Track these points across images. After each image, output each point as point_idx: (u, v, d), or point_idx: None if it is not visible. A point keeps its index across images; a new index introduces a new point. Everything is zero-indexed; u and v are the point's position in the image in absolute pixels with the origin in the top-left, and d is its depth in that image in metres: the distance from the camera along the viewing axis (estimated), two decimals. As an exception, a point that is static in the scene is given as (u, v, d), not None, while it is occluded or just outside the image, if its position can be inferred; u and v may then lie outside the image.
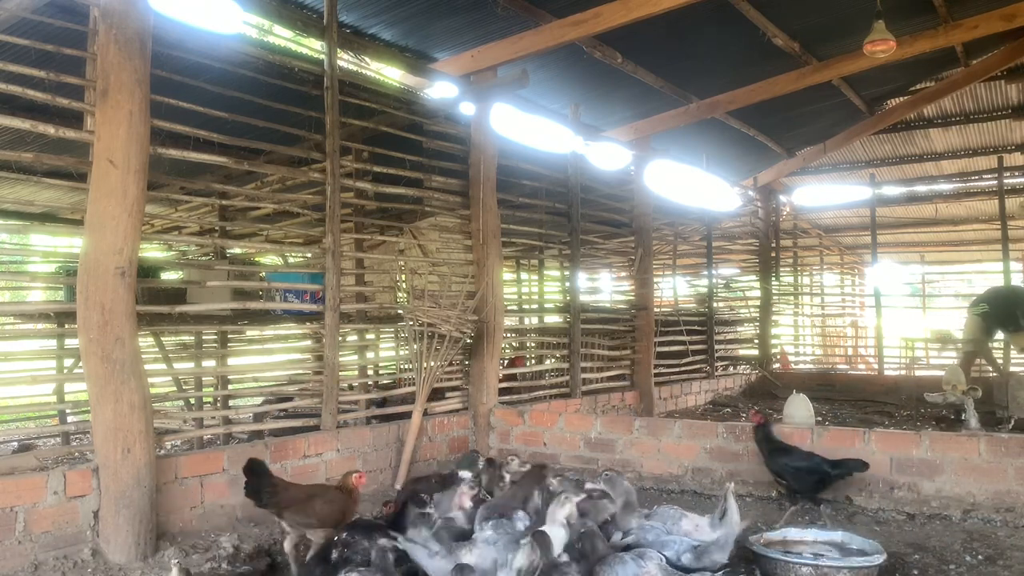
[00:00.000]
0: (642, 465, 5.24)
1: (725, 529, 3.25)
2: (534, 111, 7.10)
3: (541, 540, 2.85)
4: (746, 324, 11.11)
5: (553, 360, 7.49)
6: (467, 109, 6.05)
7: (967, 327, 8.19)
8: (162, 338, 6.35)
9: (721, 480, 4.85)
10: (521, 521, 3.31)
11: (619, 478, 3.64)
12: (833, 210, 13.56)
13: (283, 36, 5.51)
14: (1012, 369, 7.87)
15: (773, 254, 11.33)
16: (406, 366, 5.79)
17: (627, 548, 3.13)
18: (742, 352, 11.01)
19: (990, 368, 8.26)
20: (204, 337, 6.50)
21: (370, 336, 7.03)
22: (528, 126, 7.19)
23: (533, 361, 8.08)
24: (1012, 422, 6.73)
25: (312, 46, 5.24)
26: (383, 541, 3.03)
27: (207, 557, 3.55)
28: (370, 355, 7.19)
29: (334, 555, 3.20)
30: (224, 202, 5.42)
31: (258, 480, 3.34)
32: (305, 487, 3.65)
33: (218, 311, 4.75)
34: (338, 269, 4.83)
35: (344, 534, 3.30)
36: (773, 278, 11.30)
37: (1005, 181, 10.08)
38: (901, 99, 9.73)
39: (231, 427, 4.98)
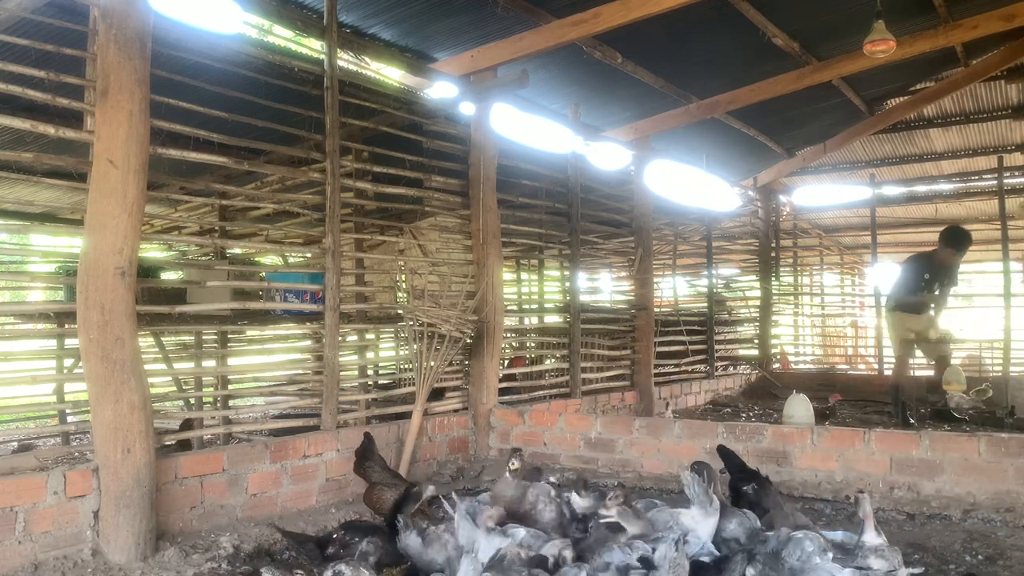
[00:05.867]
0: (642, 465, 5.24)
1: (716, 511, 3.22)
2: (534, 111, 7.09)
3: None
4: (746, 324, 11.11)
5: (553, 360, 7.49)
6: (467, 109, 6.05)
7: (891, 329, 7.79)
8: (162, 338, 6.35)
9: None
10: None
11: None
12: (833, 210, 13.54)
13: (283, 36, 5.51)
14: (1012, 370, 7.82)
15: (773, 254, 11.33)
16: (406, 366, 5.79)
17: None
18: (742, 352, 11.02)
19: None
20: (204, 337, 6.49)
21: (370, 336, 7.03)
22: (528, 126, 7.19)
23: (532, 361, 8.07)
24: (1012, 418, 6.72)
25: (312, 46, 5.23)
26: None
27: (207, 557, 3.55)
28: (370, 355, 7.19)
29: (329, 550, 3.23)
30: (224, 202, 5.42)
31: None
32: None
33: (218, 311, 4.75)
34: (338, 269, 4.83)
35: (342, 532, 3.33)
36: (773, 278, 11.30)
37: (1005, 181, 10.07)
38: (901, 99, 9.72)
39: (231, 427, 4.98)
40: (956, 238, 7.28)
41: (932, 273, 7.35)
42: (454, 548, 3.12)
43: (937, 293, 7.42)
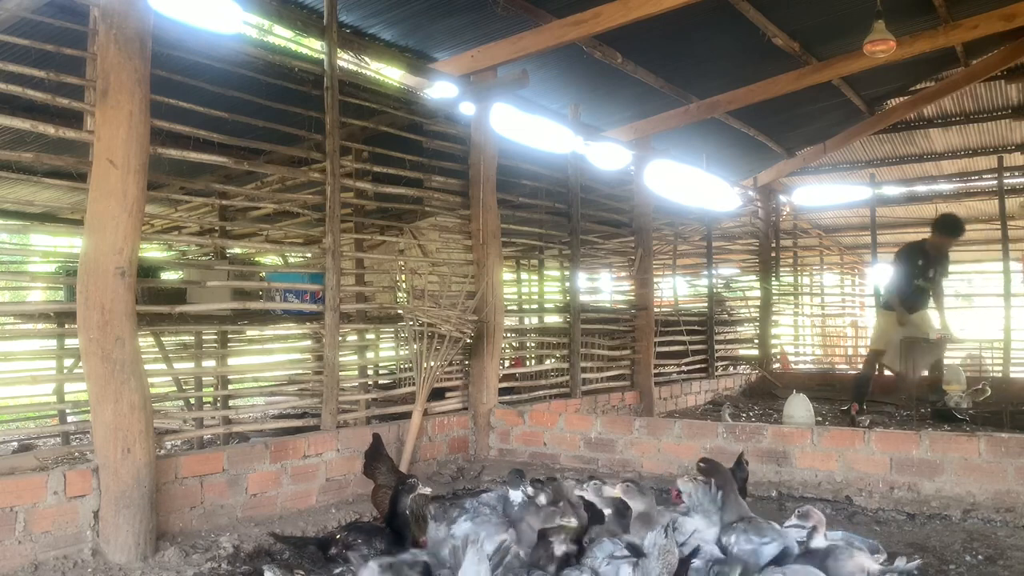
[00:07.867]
0: (642, 465, 5.24)
1: (720, 513, 3.20)
2: (534, 111, 7.09)
3: None
4: (746, 324, 11.11)
5: (553, 360, 7.49)
6: (467, 109, 6.05)
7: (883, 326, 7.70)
8: (162, 338, 6.35)
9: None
10: None
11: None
12: (833, 210, 13.55)
13: (283, 36, 5.51)
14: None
15: (773, 254, 11.33)
16: (406, 366, 5.79)
17: None
18: (742, 352, 11.02)
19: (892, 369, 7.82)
20: (204, 337, 6.49)
21: (370, 336, 7.03)
22: (528, 126, 7.19)
23: (533, 361, 8.08)
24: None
25: (312, 46, 5.23)
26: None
27: (207, 557, 3.55)
28: (370, 355, 7.19)
29: (332, 551, 3.22)
30: (224, 202, 5.42)
31: None
32: None
33: (218, 311, 4.75)
34: (338, 269, 4.83)
35: (345, 533, 3.32)
36: (773, 278, 11.31)
37: (1005, 181, 10.08)
38: (901, 99, 9.72)
39: (231, 427, 4.98)
40: (949, 225, 7.38)
41: (926, 261, 7.38)
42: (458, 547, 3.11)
43: (933, 280, 7.47)
